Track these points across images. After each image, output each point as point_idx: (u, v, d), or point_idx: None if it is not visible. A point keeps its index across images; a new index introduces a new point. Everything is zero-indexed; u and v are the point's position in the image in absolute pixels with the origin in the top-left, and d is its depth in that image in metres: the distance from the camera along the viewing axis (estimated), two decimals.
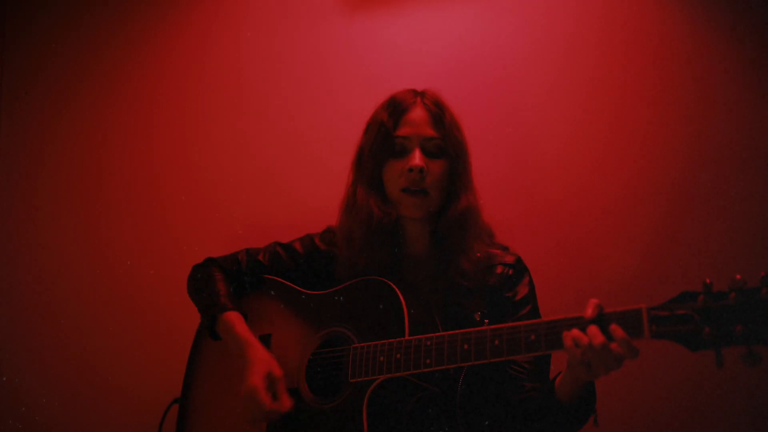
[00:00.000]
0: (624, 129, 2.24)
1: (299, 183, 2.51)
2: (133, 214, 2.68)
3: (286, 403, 1.71)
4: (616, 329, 1.34)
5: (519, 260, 1.86)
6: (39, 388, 2.64)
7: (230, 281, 1.98)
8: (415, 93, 1.88)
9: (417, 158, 1.78)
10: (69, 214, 2.76)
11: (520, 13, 2.37)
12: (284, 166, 2.55)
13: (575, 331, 1.39)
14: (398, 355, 1.59)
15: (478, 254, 1.80)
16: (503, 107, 2.36)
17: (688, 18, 2.23)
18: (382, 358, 1.61)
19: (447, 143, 1.83)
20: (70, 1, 2.88)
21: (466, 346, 1.52)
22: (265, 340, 1.87)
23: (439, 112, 1.84)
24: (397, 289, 1.69)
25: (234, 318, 1.87)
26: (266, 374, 1.73)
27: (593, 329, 1.37)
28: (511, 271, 1.82)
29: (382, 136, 1.82)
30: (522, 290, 1.81)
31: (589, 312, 1.39)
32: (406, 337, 1.61)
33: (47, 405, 2.62)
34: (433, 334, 1.57)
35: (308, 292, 1.89)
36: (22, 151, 2.86)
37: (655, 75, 2.23)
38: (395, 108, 1.84)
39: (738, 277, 1.24)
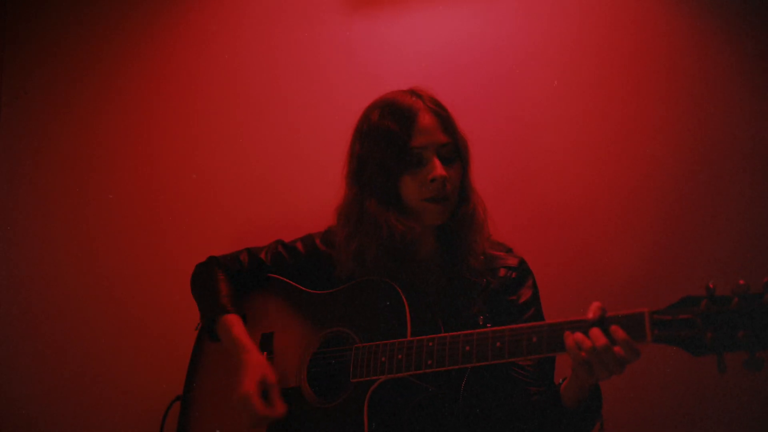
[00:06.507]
0: (627, 131, 2.24)
1: (299, 183, 2.51)
2: (134, 212, 2.68)
3: (280, 408, 1.71)
4: (616, 330, 1.34)
5: (522, 262, 1.85)
6: (40, 387, 2.64)
7: (232, 281, 1.97)
8: (412, 94, 1.80)
9: (439, 168, 1.72)
10: (69, 214, 2.75)
11: (522, 12, 2.37)
12: (284, 165, 2.55)
13: (578, 334, 1.39)
14: (400, 356, 1.59)
15: (482, 257, 1.79)
16: (505, 108, 2.35)
17: (690, 19, 2.23)
18: (383, 359, 1.61)
19: (458, 146, 1.80)
20: (70, 0, 2.88)
21: (467, 348, 1.51)
22: (268, 338, 1.88)
23: (445, 114, 1.80)
24: (399, 290, 1.68)
25: (232, 320, 1.86)
26: (260, 380, 1.73)
27: (596, 331, 1.37)
28: (514, 274, 1.81)
29: (397, 149, 1.73)
30: (525, 293, 1.80)
31: (591, 315, 1.39)
32: (408, 338, 1.61)
33: (48, 404, 2.61)
34: (435, 335, 1.57)
35: (311, 291, 1.89)
36: (21, 151, 2.85)
37: (658, 76, 2.23)
38: (402, 115, 1.75)
39: (741, 282, 1.23)
